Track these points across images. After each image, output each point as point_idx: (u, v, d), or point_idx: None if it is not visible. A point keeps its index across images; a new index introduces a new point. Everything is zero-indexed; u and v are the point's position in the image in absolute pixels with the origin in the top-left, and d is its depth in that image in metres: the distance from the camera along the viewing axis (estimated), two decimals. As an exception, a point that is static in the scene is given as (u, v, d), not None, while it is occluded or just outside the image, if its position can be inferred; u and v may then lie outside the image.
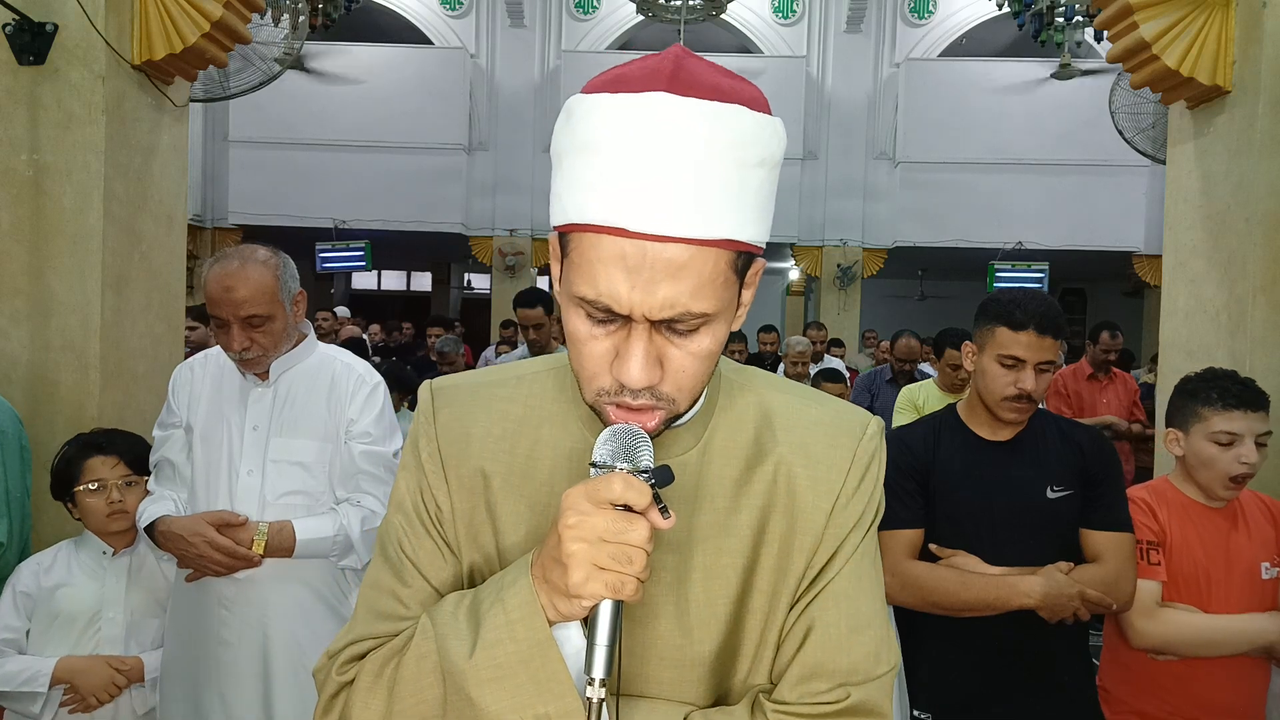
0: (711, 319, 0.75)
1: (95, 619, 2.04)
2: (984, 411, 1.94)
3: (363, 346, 6.86)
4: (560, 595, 0.75)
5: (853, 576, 0.87)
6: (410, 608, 0.86)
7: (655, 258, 0.71)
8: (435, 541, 0.89)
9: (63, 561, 2.10)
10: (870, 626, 0.86)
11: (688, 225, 0.70)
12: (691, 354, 0.76)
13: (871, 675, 0.84)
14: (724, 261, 0.74)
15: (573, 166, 0.74)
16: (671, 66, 0.73)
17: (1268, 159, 2.80)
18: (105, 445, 2.11)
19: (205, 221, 11.08)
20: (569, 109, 0.75)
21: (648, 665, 0.85)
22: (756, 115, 0.74)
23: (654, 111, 0.70)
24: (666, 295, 0.72)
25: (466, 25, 11.87)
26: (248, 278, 1.95)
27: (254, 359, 2.00)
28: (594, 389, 0.78)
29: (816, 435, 0.89)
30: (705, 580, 0.85)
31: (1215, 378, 1.97)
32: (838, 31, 11.77)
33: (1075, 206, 10.85)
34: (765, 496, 0.87)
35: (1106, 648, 2.09)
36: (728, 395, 0.90)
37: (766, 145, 0.74)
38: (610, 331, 0.75)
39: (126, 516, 2.08)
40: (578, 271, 0.74)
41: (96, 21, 2.86)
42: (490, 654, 0.77)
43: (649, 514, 0.74)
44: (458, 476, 0.89)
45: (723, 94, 0.72)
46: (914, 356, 5.39)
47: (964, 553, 1.85)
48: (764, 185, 0.75)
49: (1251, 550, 1.95)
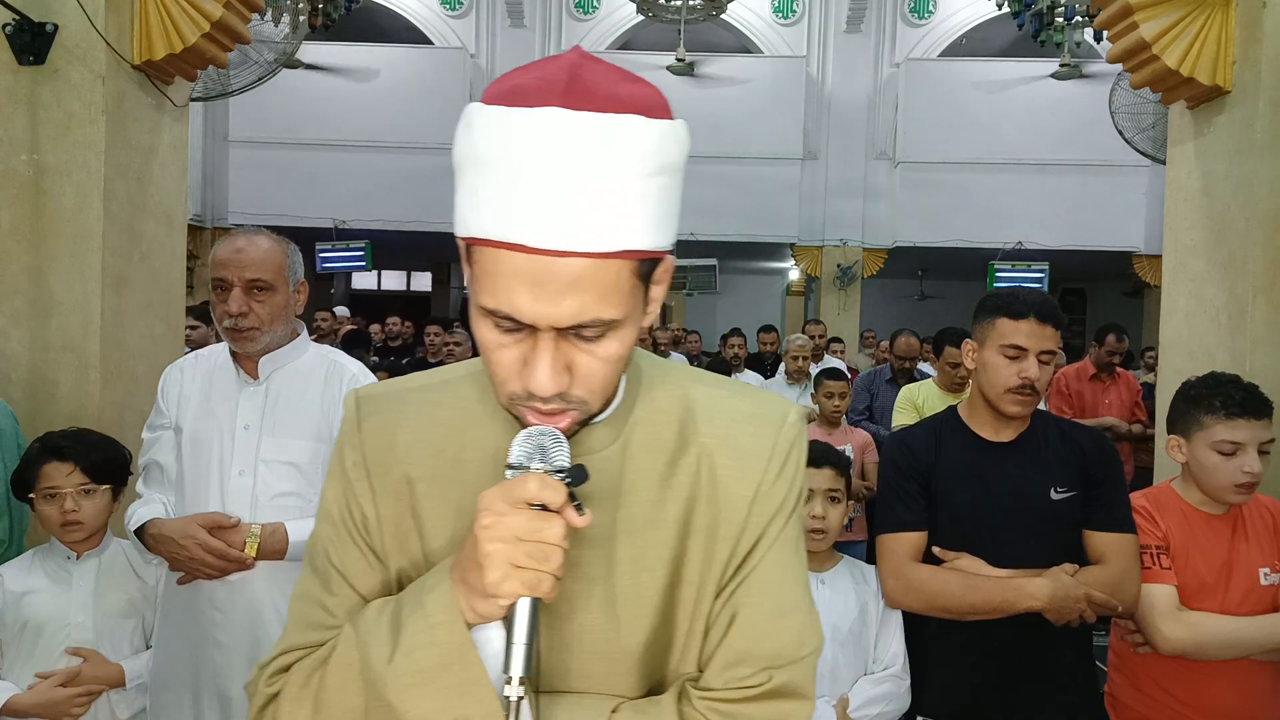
0: (619, 324, 0.76)
1: (63, 625, 1.99)
2: (986, 412, 1.93)
3: (365, 339, 6.84)
4: (478, 596, 0.76)
5: (776, 563, 0.88)
6: (338, 617, 0.87)
7: (557, 272, 0.71)
8: (361, 550, 0.89)
9: (32, 568, 2.05)
10: (794, 611, 0.88)
11: (587, 240, 0.71)
12: (600, 359, 0.77)
13: (795, 658, 0.87)
14: (627, 270, 0.74)
15: (472, 180, 0.74)
16: (566, 78, 0.72)
17: (1268, 159, 2.80)
18: (66, 450, 2.01)
19: (205, 221, 11.08)
20: (467, 118, 0.75)
21: (577, 660, 0.86)
22: (654, 123, 0.73)
23: (548, 128, 0.70)
24: (570, 307, 0.73)
25: (466, 25, 11.87)
26: (258, 244, 2.00)
27: (247, 332, 1.97)
28: (506, 394, 0.79)
29: (738, 425, 0.90)
30: (633, 573, 0.86)
31: (1219, 385, 1.95)
32: (838, 31, 11.77)
33: (1075, 206, 10.85)
34: (689, 488, 0.88)
35: (1113, 655, 2.08)
36: (649, 390, 0.91)
37: (665, 152, 0.74)
38: (518, 340, 0.76)
39: (82, 527, 2.00)
40: (481, 283, 0.75)
41: (96, 21, 2.85)
42: (410, 659, 0.78)
43: (564, 512, 0.75)
44: (383, 483, 0.89)
45: (619, 104, 0.72)
46: (913, 354, 5.39)
47: (968, 555, 1.85)
48: (665, 191, 0.75)
49: (1252, 557, 1.94)
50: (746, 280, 14.79)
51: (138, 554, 2.10)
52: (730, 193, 11.09)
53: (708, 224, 10.90)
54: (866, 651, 1.97)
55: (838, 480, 2.05)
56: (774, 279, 14.77)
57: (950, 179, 11.07)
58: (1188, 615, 1.88)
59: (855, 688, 1.92)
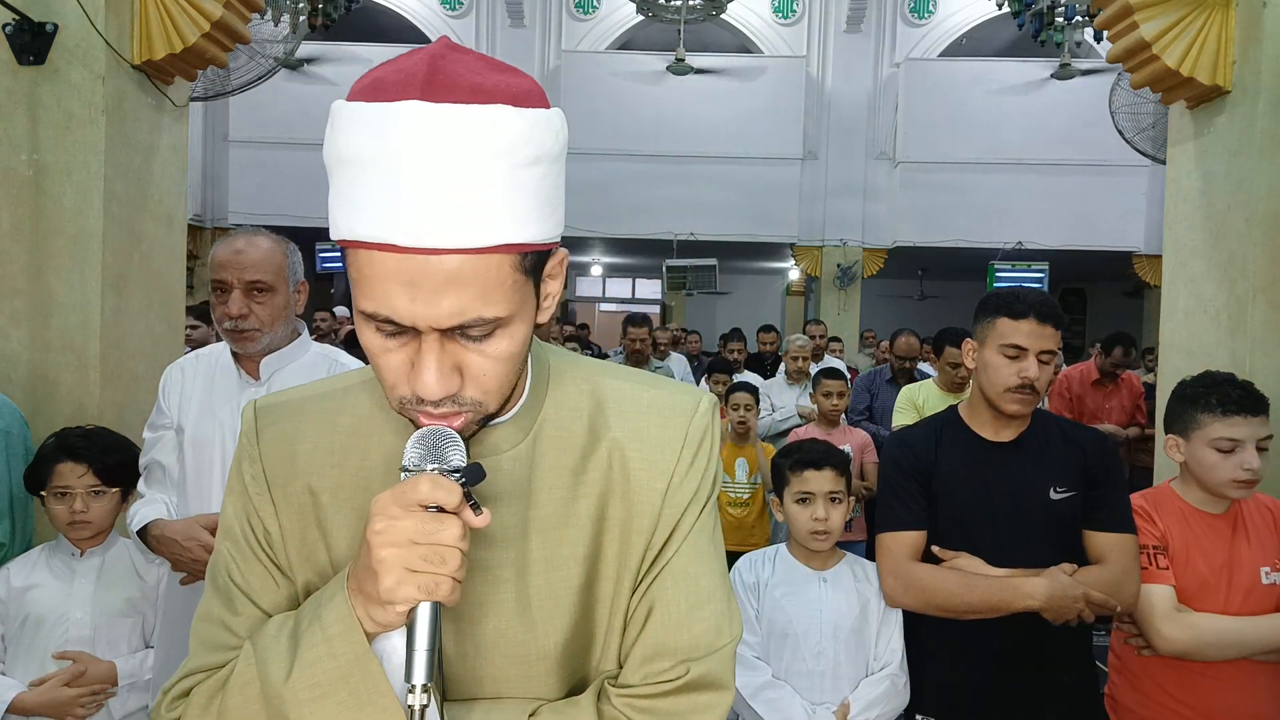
0: (506, 321, 0.74)
1: (62, 621, 2.01)
2: (986, 411, 1.93)
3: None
4: (375, 604, 0.73)
5: (691, 554, 0.87)
6: (240, 635, 0.84)
7: (432, 271, 0.69)
8: (265, 566, 0.87)
9: (37, 564, 2.08)
10: (710, 601, 0.87)
11: (459, 236, 0.69)
12: (491, 358, 0.75)
13: (713, 648, 0.85)
14: (508, 265, 0.72)
15: (338, 180, 0.72)
16: (426, 70, 0.70)
17: (1268, 159, 2.80)
18: (80, 451, 2.05)
19: (205, 221, 11.08)
20: (331, 116, 0.72)
21: (491, 664, 0.84)
22: (524, 112, 0.70)
23: (408, 122, 0.67)
24: (450, 306, 0.70)
25: (466, 25, 11.87)
26: (258, 245, 2.00)
27: (248, 332, 1.97)
28: (396, 398, 0.77)
29: (649, 418, 0.89)
30: (546, 571, 0.85)
31: (1214, 383, 1.95)
32: (838, 31, 11.77)
33: (1075, 206, 10.85)
34: (602, 483, 0.86)
35: (1113, 657, 2.08)
36: (557, 385, 0.89)
37: (539, 142, 0.71)
38: (402, 343, 0.74)
39: (89, 526, 2.04)
40: (358, 287, 0.73)
41: (96, 21, 2.85)
42: (308, 673, 0.76)
43: (461, 512, 0.73)
44: (284, 496, 0.87)
45: (483, 94, 0.69)
46: (914, 354, 5.38)
47: (967, 554, 1.85)
48: (544, 181, 0.73)
49: (1252, 556, 1.94)
50: (746, 280, 14.80)
51: (141, 554, 2.11)
52: (730, 193, 11.10)
53: (708, 224, 10.92)
54: (868, 649, 1.97)
55: (838, 481, 2.05)
56: (774, 279, 14.77)
57: (950, 179, 11.07)
58: (1186, 616, 1.88)
59: (855, 692, 1.92)
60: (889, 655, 1.96)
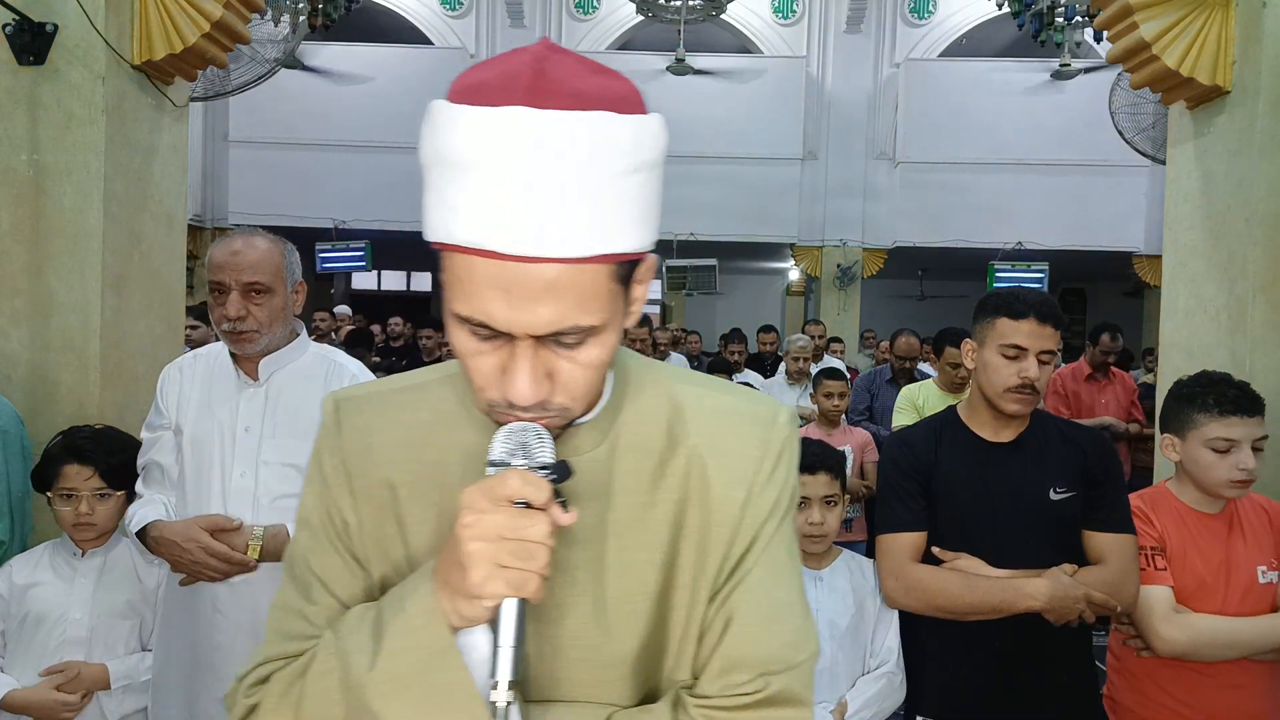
0: (599, 330, 0.74)
1: (61, 620, 2.02)
2: (986, 412, 1.93)
3: (368, 338, 6.83)
4: (462, 598, 0.73)
5: (769, 566, 0.86)
6: (318, 626, 0.84)
7: (531, 279, 0.68)
8: (342, 556, 0.87)
9: (41, 561, 2.09)
10: (788, 615, 0.85)
11: (560, 245, 0.68)
12: (581, 365, 0.75)
13: (791, 664, 0.84)
14: (605, 274, 0.72)
15: (437, 182, 0.71)
16: (530, 74, 0.69)
17: (1268, 159, 2.80)
18: (87, 453, 2.06)
19: (205, 221, 11.08)
20: (430, 115, 0.72)
21: (564, 666, 0.84)
22: (625, 119, 0.70)
23: (513, 128, 0.66)
24: (547, 314, 0.70)
25: (466, 25, 11.87)
26: (255, 246, 1.99)
27: (246, 334, 1.96)
28: (484, 400, 0.77)
29: (725, 425, 0.88)
30: (620, 577, 0.84)
31: (1211, 383, 1.95)
32: (838, 31, 11.77)
33: (1075, 206, 10.85)
34: (680, 490, 0.85)
35: (1112, 658, 2.08)
36: (636, 389, 0.88)
37: (640, 149, 0.70)
38: (495, 347, 0.74)
39: (93, 529, 2.06)
40: (454, 290, 0.72)
41: (96, 21, 2.85)
42: (392, 664, 0.75)
43: (549, 509, 0.73)
44: (363, 488, 0.87)
45: (586, 100, 0.68)
46: (914, 354, 5.39)
47: (967, 555, 1.84)
48: (642, 189, 0.72)
49: (1249, 555, 1.94)
50: (746, 280, 14.79)
51: (141, 556, 2.11)
52: (730, 193, 11.09)
53: (708, 224, 10.90)
54: (864, 648, 1.97)
55: (833, 485, 2.06)
56: (774, 279, 14.77)
57: (950, 179, 11.07)
58: (1184, 617, 1.88)
59: (852, 691, 1.92)
60: (885, 653, 1.97)
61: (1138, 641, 1.94)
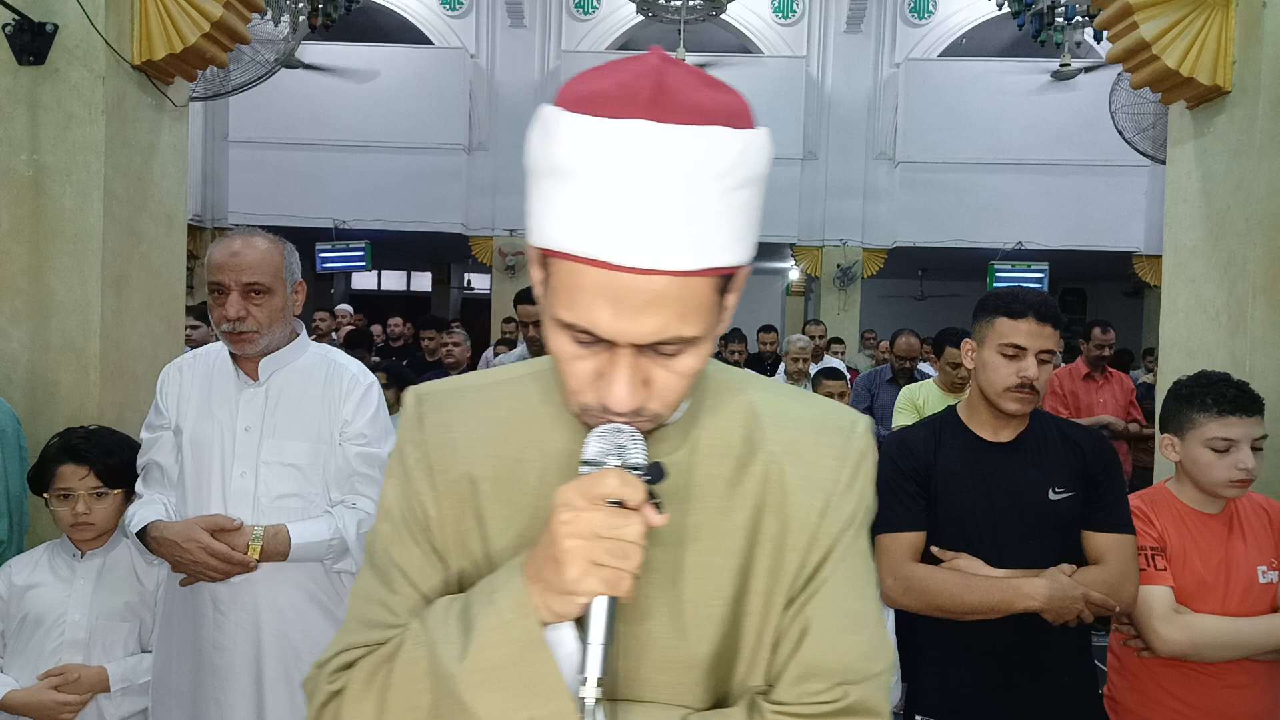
0: (698, 340, 0.75)
1: (59, 622, 2.01)
2: (985, 412, 1.93)
3: (367, 337, 6.83)
4: (554, 594, 0.74)
5: (847, 576, 0.86)
6: (399, 615, 0.86)
7: (639, 290, 0.70)
8: (423, 549, 0.88)
9: (40, 563, 2.08)
10: (866, 626, 0.86)
11: (671, 258, 0.69)
12: (677, 373, 0.76)
13: (869, 674, 0.84)
14: (708, 287, 0.73)
15: (550, 189, 0.72)
16: (651, 87, 0.70)
17: (1268, 159, 2.80)
18: (82, 453, 2.06)
19: (205, 221, 11.08)
20: (544, 122, 0.72)
21: (642, 668, 0.84)
22: (740, 134, 0.71)
23: (634, 142, 0.67)
24: (651, 324, 0.71)
25: (466, 25, 11.87)
26: (255, 246, 1.99)
27: (246, 334, 1.96)
28: (578, 404, 0.78)
29: (805, 434, 0.88)
30: (698, 580, 0.85)
31: (1210, 382, 1.95)
32: (838, 31, 11.77)
33: (1075, 206, 10.85)
34: (757, 496, 0.86)
35: (1112, 657, 2.08)
36: (715, 396, 0.89)
37: (751, 164, 0.72)
38: (595, 353, 0.75)
39: (92, 528, 2.05)
40: (559, 296, 0.73)
41: (96, 21, 2.86)
42: (483, 656, 0.76)
43: (643, 509, 0.74)
44: (445, 482, 0.88)
45: (705, 115, 0.69)
46: (914, 354, 5.39)
47: (966, 555, 1.84)
48: (749, 204, 0.73)
49: (1249, 555, 1.94)
50: (747, 280, 14.77)
51: (141, 556, 2.10)
52: (730, 193, 11.07)
53: (708, 224, 10.87)
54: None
55: None
56: (774, 279, 14.77)
57: (950, 179, 11.07)
58: (1184, 617, 1.88)
59: None
60: None
61: (1138, 642, 1.94)
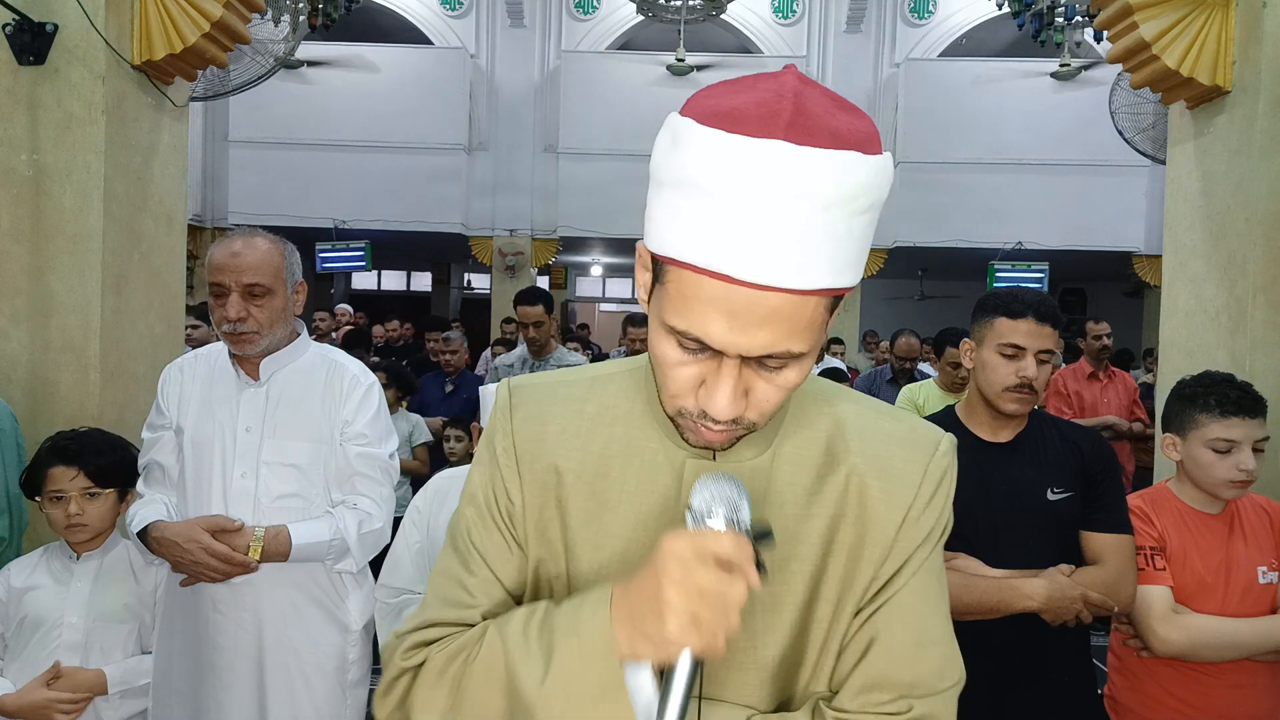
0: (804, 356, 0.76)
1: (57, 625, 2.00)
2: (983, 412, 1.93)
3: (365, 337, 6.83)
4: (644, 639, 0.75)
5: (919, 591, 0.87)
6: (475, 596, 0.89)
7: (756, 305, 0.71)
8: (503, 535, 0.91)
9: (37, 565, 2.08)
10: (936, 642, 0.87)
11: (793, 277, 0.70)
12: (777, 387, 0.77)
13: (936, 689, 0.85)
14: (822, 306, 0.74)
15: (677, 199, 0.73)
16: (791, 109, 0.70)
17: (1268, 159, 2.80)
18: (72, 454, 2.04)
19: (205, 221, 11.08)
20: (676, 134, 0.73)
21: (713, 667, 0.85)
22: (870, 160, 0.71)
23: (772, 162, 0.68)
24: (763, 339, 0.73)
25: (466, 25, 11.87)
26: (255, 247, 1.98)
27: (247, 335, 1.96)
28: (676, 407, 0.80)
29: (890, 448, 0.89)
30: (772, 583, 0.86)
31: (1213, 383, 1.95)
32: (838, 31, 11.77)
33: (1075, 206, 10.84)
34: (836, 506, 0.87)
35: (1113, 657, 2.08)
36: (799, 404, 0.91)
37: (878, 190, 0.73)
38: (700, 360, 0.76)
39: (86, 529, 2.04)
40: (673, 303, 0.75)
41: (96, 21, 2.86)
42: (561, 685, 0.78)
43: (747, 571, 0.74)
44: (531, 472, 0.91)
45: (840, 140, 0.70)
46: (914, 354, 5.39)
47: (965, 555, 1.84)
48: (868, 229, 0.75)
49: (1249, 555, 1.94)
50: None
51: (140, 557, 2.10)
52: (730, 193, 11.07)
53: (708, 224, 10.87)
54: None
55: None
56: (774, 279, 14.75)
57: (950, 179, 11.07)
58: (1182, 617, 1.88)
59: None
60: None
61: (1137, 641, 1.94)
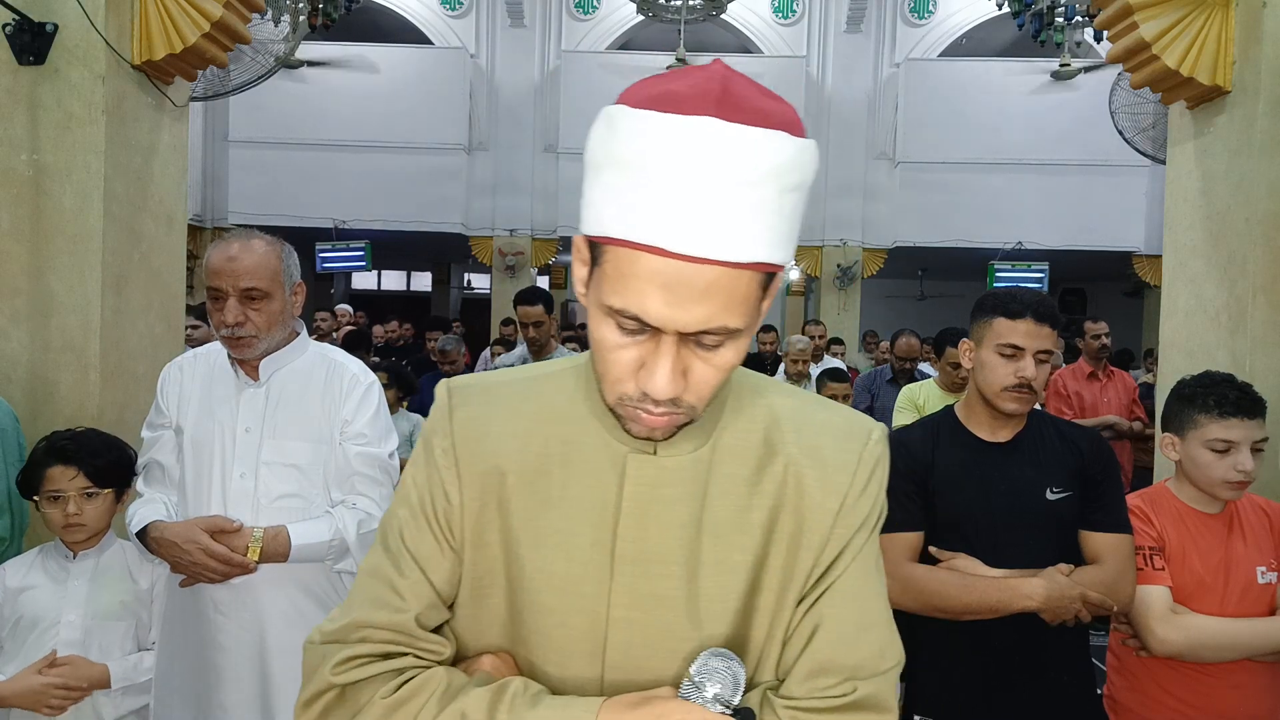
0: (738, 334, 0.78)
1: (54, 624, 2.00)
2: (983, 412, 1.93)
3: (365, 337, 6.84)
4: None
5: (858, 576, 0.89)
6: (406, 599, 0.89)
7: (692, 278, 0.73)
8: (436, 537, 0.91)
9: (33, 565, 2.08)
10: (876, 625, 0.89)
11: (725, 249, 0.72)
12: (715, 366, 0.79)
13: (877, 671, 0.87)
14: (754, 282, 0.76)
15: (613, 180, 0.75)
16: (719, 88, 0.74)
17: (1268, 159, 2.80)
18: (70, 454, 2.04)
19: (205, 221, 11.08)
20: (611, 120, 0.76)
21: (654, 657, 0.87)
22: (796, 141, 0.74)
23: (703, 136, 0.71)
24: (700, 313, 0.74)
25: (466, 25, 11.87)
26: (252, 250, 1.97)
27: (245, 339, 1.96)
28: (616, 394, 0.81)
29: (824, 438, 0.92)
30: (716, 574, 0.87)
31: (1213, 383, 1.95)
32: (838, 31, 11.77)
33: (1075, 206, 10.85)
34: (775, 495, 0.89)
35: (1112, 657, 2.08)
36: (737, 397, 0.93)
37: (804, 170, 0.75)
38: (639, 342, 0.78)
39: (84, 529, 2.04)
40: (611, 283, 0.76)
41: (96, 21, 2.86)
42: None
43: None
44: (471, 473, 0.91)
45: (767, 119, 0.73)
46: (914, 355, 5.39)
47: (964, 555, 1.84)
48: (796, 208, 0.77)
49: (1248, 556, 1.94)
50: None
51: (137, 556, 2.10)
52: (730, 192, 11.07)
53: (708, 224, 10.88)
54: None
55: None
56: (774, 279, 14.75)
57: (950, 179, 11.07)
58: (1181, 617, 1.88)
59: None
60: None
61: (1136, 641, 1.94)
